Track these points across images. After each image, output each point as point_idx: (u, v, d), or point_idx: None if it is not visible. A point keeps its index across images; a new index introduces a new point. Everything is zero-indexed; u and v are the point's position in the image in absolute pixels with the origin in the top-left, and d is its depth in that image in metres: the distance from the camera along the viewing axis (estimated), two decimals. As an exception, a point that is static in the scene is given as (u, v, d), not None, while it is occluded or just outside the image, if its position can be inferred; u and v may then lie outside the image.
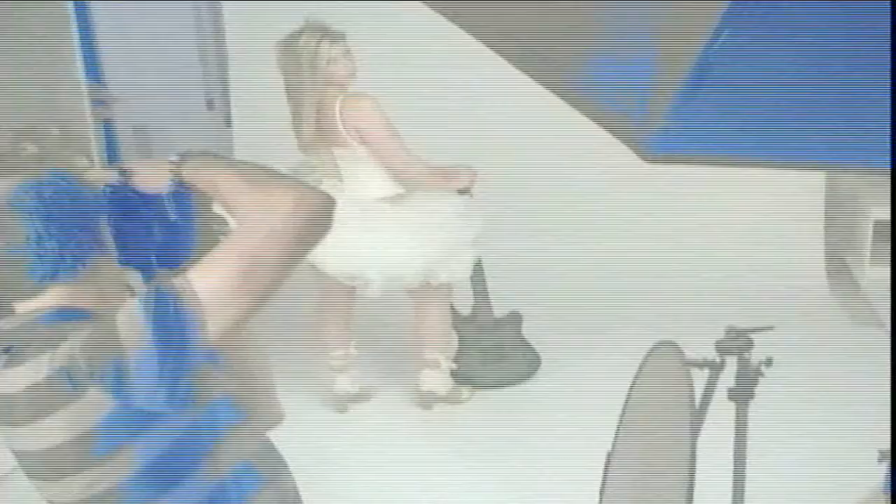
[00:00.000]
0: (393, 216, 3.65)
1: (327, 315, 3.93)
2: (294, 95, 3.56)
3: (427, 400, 3.96)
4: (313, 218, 1.27)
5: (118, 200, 1.44)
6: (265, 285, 1.25)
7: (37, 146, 4.00)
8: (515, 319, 4.10)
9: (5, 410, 1.30)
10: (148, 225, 1.47)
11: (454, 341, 4.04)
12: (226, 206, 1.34)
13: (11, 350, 1.29)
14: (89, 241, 1.38)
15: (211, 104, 6.22)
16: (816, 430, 3.58)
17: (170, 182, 1.41)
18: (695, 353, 2.16)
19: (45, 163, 1.41)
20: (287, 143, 3.68)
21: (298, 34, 3.50)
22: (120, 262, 1.45)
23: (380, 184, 3.64)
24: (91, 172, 1.48)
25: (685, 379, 2.04)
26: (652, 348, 2.26)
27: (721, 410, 2.21)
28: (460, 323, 4.03)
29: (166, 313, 1.22)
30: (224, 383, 1.42)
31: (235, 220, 1.32)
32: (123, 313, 1.24)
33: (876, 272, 4.90)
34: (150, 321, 1.21)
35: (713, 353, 2.17)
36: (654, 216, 5.06)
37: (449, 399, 3.97)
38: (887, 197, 4.77)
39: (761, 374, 2.15)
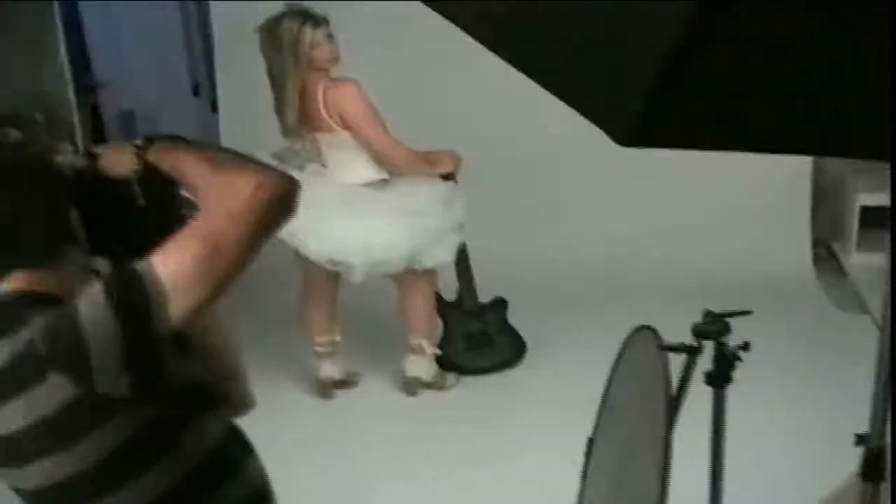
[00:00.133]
0: (377, 201, 3.63)
1: (312, 301, 3.92)
2: (277, 80, 3.53)
3: (412, 386, 3.96)
4: (275, 201, 1.26)
5: (85, 185, 1.43)
6: (227, 269, 1.24)
7: (21, 133, 3.98)
8: (501, 305, 4.09)
9: None
10: (114, 209, 1.46)
11: (439, 327, 4.04)
12: (189, 190, 1.34)
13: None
14: (56, 226, 1.37)
15: (197, 90, 6.19)
16: (800, 415, 3.60)
17: (135, 166, 1.41)
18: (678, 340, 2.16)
19: (29, 149, 1.40)
20: (273, 129, 3.67)
21: (280, 18, 3.46)
22: (87, 247, 1.44)
23: (363, 169, 3.62)
24: (59, 157, 1.47)
25: (662, 363, 2.03)
26: (630, 333, 2.26)
27: (701, 395, 2.21)
28: (445, 309, 4.02)
29: (128, 297, 1.21)
30: (191, 368, 1.41)
31: (199, 204, 1.31)
32: (85, 297, 1.23)
33: (862, 258, 4.92)
34: (112, 305, 1.20)
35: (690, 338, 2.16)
36: (639, 202, 5.06)
37: (434, 385, 3.97)
38: (874, 183, 4.78)
39: (738, 359, 2.15)
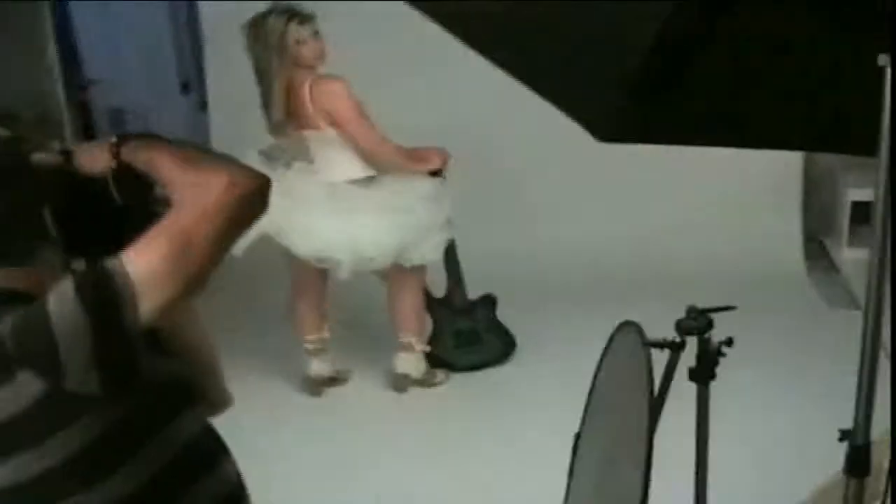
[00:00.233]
0: (364, 198, 3.62)
1: (301, 299, 3.91)
2: (263, 77, 3.53)
3: (402, 383, 3.95)
4: (246, 198, 1.26)
5: (60, 183, 1.42)
6: (199, 266, 1.24)
7: (9, 129, 3.96)
8: (489, 302, 4.09)
9: None
10: (90, 207, 1.45)
11: (428, 325, 4.03)
12: (163, 186, 1.33)
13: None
14: (28, 224, 1.36)
15: (186, 88, 6.17)
16: (791, 411, 3.59)
17: (110, 164, 1.40)
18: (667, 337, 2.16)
19: (11, 147, 1.39)
20: (263, 127, 3.67)
21: (266, 14, 3.45)
22: (62, 245, 1.43)
23: (351, 166, 3.61)
24: (34, 155, 1.46)
25: (645, 359, 2.03)
26: (615, 330, 2.26)
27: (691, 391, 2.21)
28: (434, 306, 4.02)
29: (98, 294, 1.21)
30: (168, 366, 1.41)
31: (172, 200, 1.31)
32: (54, 294, 1.22)
33: (853, 253, 4.92)
34: (81, 302, 1.20)
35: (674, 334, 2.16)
36: (629, 198, 5.06)
37: (424, 382, 3.97)
38: (865, 178, 4.78)
39: (722, 354, 2.15)
